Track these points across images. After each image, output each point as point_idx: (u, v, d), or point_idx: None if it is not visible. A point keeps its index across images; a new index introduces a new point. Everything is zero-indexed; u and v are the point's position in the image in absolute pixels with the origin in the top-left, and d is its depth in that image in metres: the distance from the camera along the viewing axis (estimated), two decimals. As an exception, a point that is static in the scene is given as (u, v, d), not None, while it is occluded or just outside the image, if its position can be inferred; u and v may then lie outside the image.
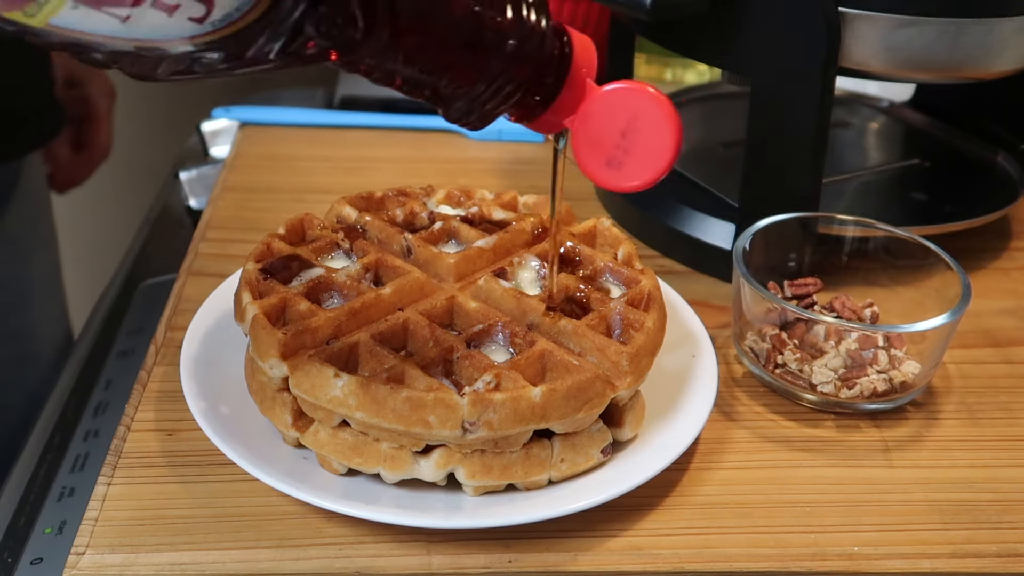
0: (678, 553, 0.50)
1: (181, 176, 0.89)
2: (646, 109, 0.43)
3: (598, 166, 0.44)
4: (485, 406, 0.47)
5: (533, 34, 0.42)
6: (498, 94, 0.43)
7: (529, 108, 0.44)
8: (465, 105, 0.43)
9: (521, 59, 0.42)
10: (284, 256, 0.57)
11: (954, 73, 0.65)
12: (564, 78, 0.44)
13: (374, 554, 0.49)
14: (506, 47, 0.41)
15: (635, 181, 0.44)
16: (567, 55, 0.44)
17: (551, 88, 0.44)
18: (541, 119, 0.45)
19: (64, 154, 1.04)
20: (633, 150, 0.44)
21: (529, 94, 0.44)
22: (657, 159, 0.44)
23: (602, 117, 0.44)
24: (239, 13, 0.35)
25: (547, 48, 0.43)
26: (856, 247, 0.66)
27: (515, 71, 0.42)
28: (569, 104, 0.44)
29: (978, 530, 0.52)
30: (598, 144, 0.44)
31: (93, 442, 0.62)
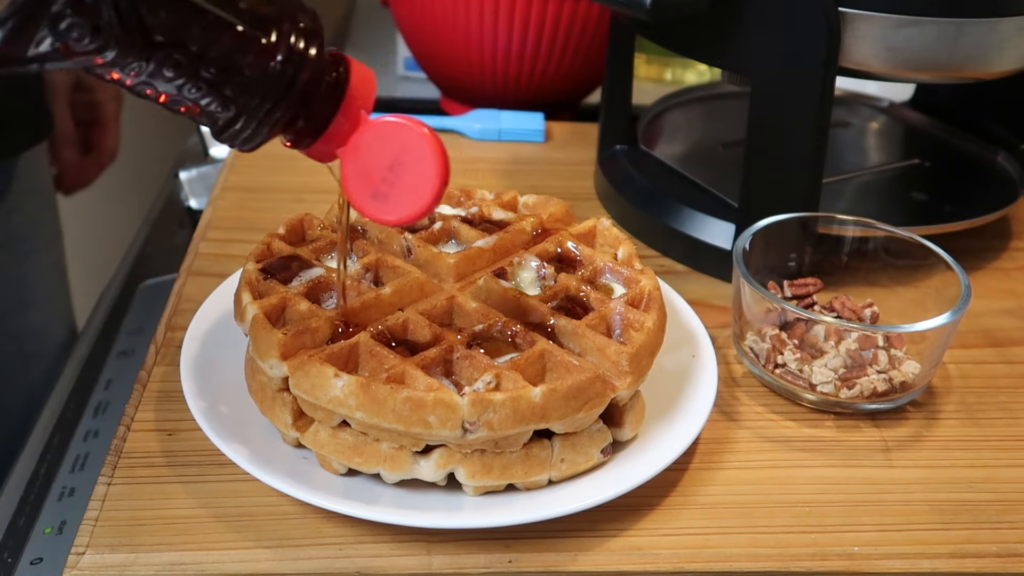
0: (678, 553, 0.50)
1: (181, 176, 0.89)
2: (413, 145, 0.44)
3: (364, 198, 0.45)
4: (485, 406, 0.47)
5: (299, 59, 0.42)
6: (266, 118, 0.42)
7: (299, 134, 0.44)
8: (233, 126, 0.43)
9: (285, 83, 0.42)
10: (284, 256, 0.57)
11: (954, 73, 0.65)
12: (335, 107, 0.44)
13: (374, 554, 0.49)
14: (268, 70, 0.41)
15: (396, 215, 0.45)
16: (341, 84, 0.44)
17: (321, 116, 0.44)
18: (314, 147, 0.45)
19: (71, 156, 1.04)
20: (399, 184, 0.44)
21: (297, 120, 0.43)
22: (420, 195, 0.44)
23: (371, 149, 0.44)
24: None
25: (315, 75, 0.43)
26: (856, 247, 0.66)
27: (279, 95, 0.42)
28: (340, 134, 0.44)
29: (978, 530, 0.52)
30: (366, 176, 0.45)
31: (93, 442, 0.62)
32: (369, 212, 0.45)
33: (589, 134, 0.90)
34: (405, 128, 0.44)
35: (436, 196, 0.44)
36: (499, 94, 0.95)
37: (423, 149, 0.44)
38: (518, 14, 0.89)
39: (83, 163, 1.05)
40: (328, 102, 0.44)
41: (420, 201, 0.44)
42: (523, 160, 0.88)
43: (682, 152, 0.84)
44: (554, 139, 0.92)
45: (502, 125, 0.91)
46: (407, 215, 0.45)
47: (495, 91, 0.95)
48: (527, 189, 0.66)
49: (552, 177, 0.86)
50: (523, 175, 0.86)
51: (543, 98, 0.96)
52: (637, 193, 0.77)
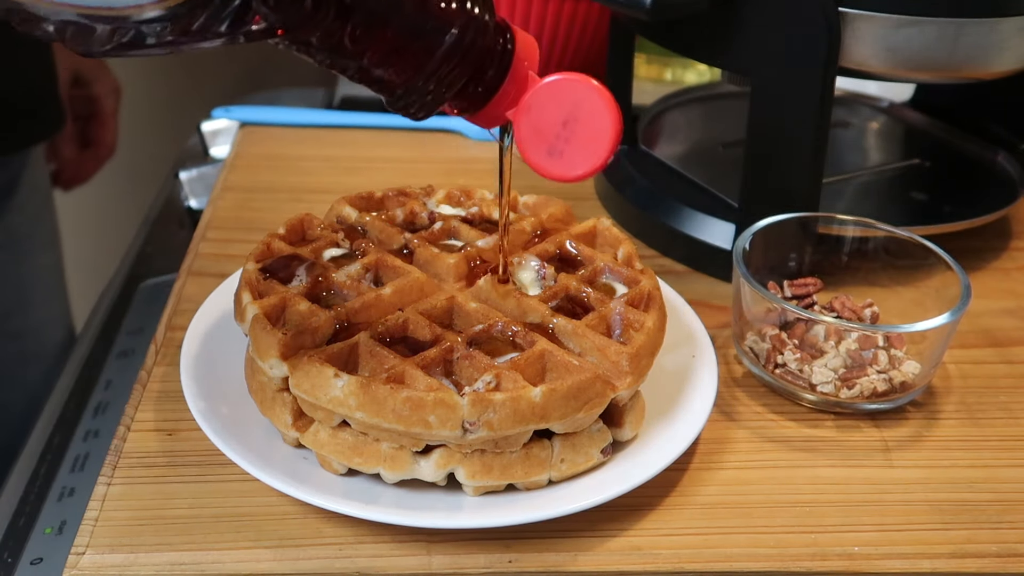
0: (678, 553, 0.50)
1: (181, 176, 0.89)
2: (586, 99, 0.44)
3: (540, 156, 0.45)
4: (485, 406, 0.47)
5: (475, 24, 0.43)
6: (440, 83, 0.43)
7: (472, 99, 0.45)
8: (408, 94, 0.43)
9: (464, 48, 0.43)
10: (284, 256, 0.57)
11: (954, 73, 0.65)
12: (506, 71, 0.45)
13: (374, 554, 0.49)
14: (448, 35, 0.42)
15: (577, 171, 0.45)
16: (509, 49, 0.45)
17: (493, 80, 0.45)
18: (483, 112, 0.46)
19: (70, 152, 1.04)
20: (574, 139, 0.44)
21: (471, 85, 0.44)
22: (597, 149, 0.44)
23: (544, 108, 0.45)
24: None
25: (489, 40, 0.44)
26: (856, 247, 0.66)
27: (456, 60, 0.43)
28: (511, 97, 0.45)
29: (978, 530, 0.52)
30: (540, 134, 0.45)
31: (93, 442, 0.62)
32: (546, 169, 0.45)
33: (589, 134, 0.90)
34: (578, 83, 0.44)
35: (613, 147, 0.44)
36: (499, 94, 0.95)
37: (597, 103, 0.44)
38: (518, 14, 0.89)
39: (81, 158, 1.05)
40: (499, 66, 0.44)
41: (598, 154, 0.44)
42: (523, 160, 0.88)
43: (682, 152, 0.84)
44: (554, 139, 0.92)
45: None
46: (586, 169, 0.45)
47: (495, 91, 0.95)
48: (527, 189, 0.66)
49: (552, 177, 0.86)
50: (523, 175, 0.85)
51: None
52: (637, 193, 0.77)
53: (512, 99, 0.45)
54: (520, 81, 0.45)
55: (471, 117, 0.46)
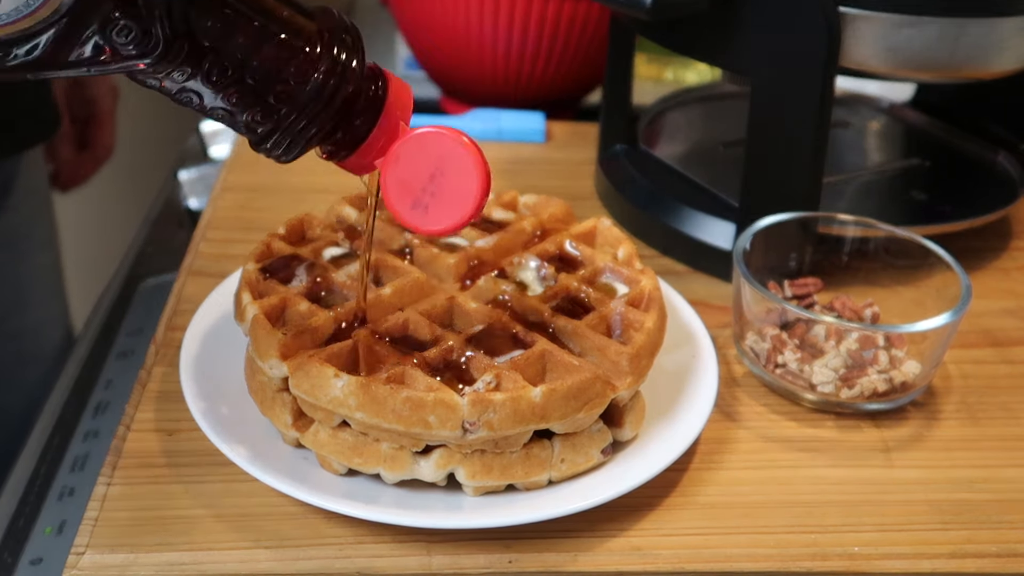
0: (678, 553, 0.50)
1: (181, 176, 0.89)
2: (454, 155, 0.44)
3: (404, 208, 0.45)
4: (485, 406, 0.47)
5: (340, 70, 0.42)
6: (305, 129, 0.43)
7: (339, 146, 0.45)
8: (270, 136, 0.43)
9: (327, 95, 0.42)
10: (284, 256, 0.57)
11: (954, 73, 0.65)
12: (375, 119, 0.44)
13: (374, 554, 0.49)
14: (311, 81, 0.42)
15: (439, 225, 0.45)
16: (380, 96, 0.44)
17: (360, 128, 0.44)
18: (351, 159, 0.45)
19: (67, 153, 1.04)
20: (440, 194, 0.44)
21: (339, 131, 0.44)
22: (462, 205, 0.44)
23: (412, 159, 0.44)
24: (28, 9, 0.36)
25: (356, 87, 0.43)
26: (856, 247, 0.66)
27: (320, 107, 0.42)
28: (379, 146, 0.45)
29: (978, 530, 0.52)
30: (406, 186, 0.44)
31: (93, 442, 0.62)
32: (410, 222, 0.45)
33: (589, 134, 0.90)
34: (447, 138, 0.44)
35: (479, 205, 0.44)
36: (499, 94, 0.95)
37: (465, 159, 0.44)
38: (518, 14, 0.89)
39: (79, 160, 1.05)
40: (368, 115, 0.44)
41: (462, 210, 0.44)
42: (523, 160, 0.88)
43: (682, 152, 0.84)
44: (554, 139, 0.92)
45: (502, 125, 0.91)
46: (449, 225, 0.45)
47: (495, 91, 0.95)
48: (527, 189, 0.66)
49: (552, 177, 0.86)
50: (523, 175, 0.86)
51: (543, 98, 0.96)
52: (637, 193, 0.77)
53: (381, 148, 0.45)
54: (391, 130, 0.44)
55: (340, 163, 0.46)
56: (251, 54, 0.40)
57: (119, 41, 0.38)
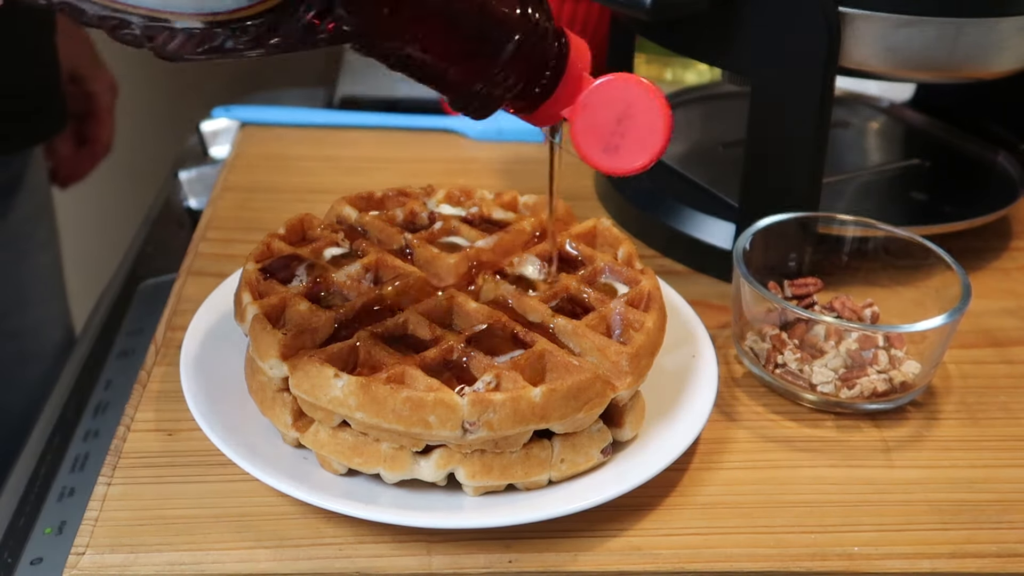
0: (678, 553, 0.50)
1: (181, 176, 0.89)
2: (639, 98, 0.46)
3: (596, 152, 0.47)
4: (485, 406, 0.47)
5: (537, 31, 0.45)
6: (501, 84, 0.45)
7: (529, 100, 0.47)
8: (470, 94, 0.45)
9: (525, 52, 0.45)
10: (284, 256, 0.57)
11: (954, 73, 0.65)
12: (562, 72, 0.47)
13: (374, 554, 0.49)
14: (512, 39, 0.44)
15: (632, 164, 0.47)
16: (565, 52, 0.47)
17: (550, 81, 0.46)
18: (540, 111, 0.48)
19: (66, 149, 1.04)
20: (628, 135, 0.47)
21: (530, 86, 0.46)
22: (651, 143, 0.47)
23: (599, 106, 0.47)
24: None
25: (548, 44, 0.46)
26: (856, 247, 0.66)
27: (518, 63, 0.45)
28: (566, 96, 0.47)
29: (978, 530, 0.52)
30: (595, 131, 0.47)
31: (93, 442, 0.62)
32: (602, 164, 0.48)
33: (589, 134, 0.90)
34: (629, 82, 0.47)
35: (665, 143, 0.47)
36: (499, 94, 0.95)
37: (650, 101, 0.46)
38: (518, 14, 0.88)
39: (77, 156, 1.05)
40: (556, 69, 0.47)
41: (652, 148, 0.47)
42: (523, 160, 0.88)
43: (682, 152, 0.84)
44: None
45: (502, 125, 0.91)
46: (640, 163, 0.47)
47: (495, 91, 0.95)
48: (527, 189, 0.66)
49: (552, 177, 0.86)
50: (523, 175, 0.86)
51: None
52: (637, 193, 0.77)
53: (567, 99, 0.47)
54: (574, 82, 0.47)
55: (527, 116, 0.48)
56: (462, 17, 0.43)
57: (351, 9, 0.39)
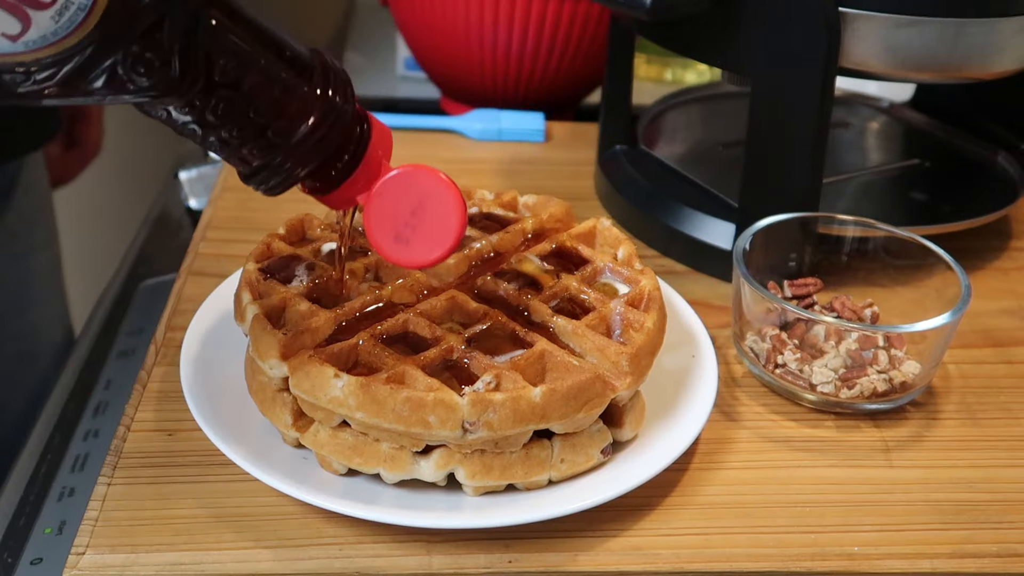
0: (678, 553, 0.50)
1: (181, 176, 0.89)
2: (436, 191, 0.47)
3: (386, 241, 0.47)
4: (485, 406, 0.47)
5: (335, 111, 0.44)
6: (296, 164, 0.45)
7: (325, 181, 0.46)
8: (263, 170, 0.45)
9: (322, 133, 0.44)
10: (284, 256, 0.57)
11: (954, 73, 0.65)
12: (360, 157, 0.46)
13: (374, 554, 0.49)
14: (308, 119, 0.44)
15: (419, 258, 0.47)
16: (365, 138, 0.46)
17: (347, 164, 0.46)
18: (334, 194, 0.47)
19: (55, 151, 1.04)
20: (421, 228, 0.47)
21: (326, 167, 0.46)
22: (443, 239, 0.47)
23: (394, 195, 0.47)
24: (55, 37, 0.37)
25: (347, 127, 0.45)
26: (856, 247, 0.66)
27: (315, 144, 0.44)
28: (362, 182, 0.47)
29: (978, 530, 0.52)
30: (388, 220, 0.47)
31: (93, 442, 0.62)
32: (391, 254, 0.48)
33: (589, 134, 0.90)
34: (429, 175, 0.47)
35: (458, 239, 0.47)
36: (499, 94, 0.95)
37: (446, 195, 0.46)
38: (518, 14, 0.89)
39: (67, 158, 1.05)
40: (354, 153, 0.46)
41: (443, 244, 0.47)
42: (523, 160, 0.88)
43: (682, 152, 0.84)
44: (554, 139, 0.92)
45: (502, 125, 0.91)
46: (429, 258, 0.47)
47: (495, 91, 0.95)
48: (527, 189, 0.66)
49: (552, 177, 0.86)
50: (523, 175, 0.86)
51: (543, 98, 0.96)
52: (637, 193, 0.77)
53: (363, 184, 0.47)
54: (372, 167, 0.47)
55: (321, 197, 0.48)
56: (257, 91, 0.42)
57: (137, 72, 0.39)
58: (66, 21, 0.37)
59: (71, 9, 0.36)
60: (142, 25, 0.38)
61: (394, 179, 0.47)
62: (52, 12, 0.36)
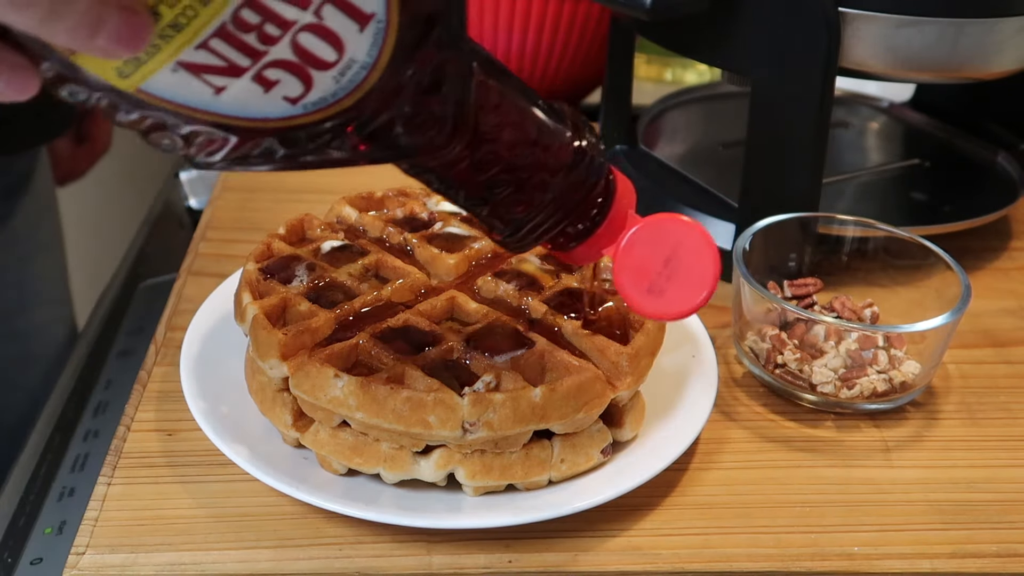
0: (678, 553, 0.50)
1: (181, 176, 0.89)
2: (690, 239, 0.45)
3: (639, 292, 0.46)
4: (485, 406, 0.47)
5: (592, 162, 0.43)
6: (546, 219, 0.43)
7: (570, 237, 0.45)
8: (525, 225, 0.43)
9: (581, 183, 0.43)
10: (284, 256, 0.57)
11: (954, 73, 0.65)
12: (607, 210, 0.45)
13: (374, 554, 0.49)
14: (565, 172, 0.42)
15: (678, 308, 0.45)
16: (612, 188, 0.45)
17: (597, 218, 0.45)
18: (580, 248, 0.45)
19: (65, 148, 1.04)
20: (675, 278, 0.45)
21: (573, 223, 0.44)
22: (699, 287, 0.45)
23: (646, 246, 0.45)
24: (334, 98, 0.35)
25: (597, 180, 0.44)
26: (856, 247, 0.66)
27: (576, 195, 0.43)
28: (609, 234, 0.45)
29: (978, 530, 0.52)
30: (641, 272, 0.45)
31: (93, 442, 0.62)
32: (645, 307, 0.46)
33: (589, 134, 0.90)
34: (682, 224, 0.45)
35: (715, 284, 0.45)
36: (499, 94, 0.95)
37: (700, 243, 0.45)
38: (518, 14, 0.89)
39: (76, 154, 1.05)
40: (602, 206, 0.45)
41: (699, 291, 0.45)
42: (523, 160, 0.88)
43: (682, 152, 0.84)
44: (554, 139, 0.92)
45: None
46: (687, 308, 0.45)
47: (495, 91, 0.95)
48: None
49: (552, 177, 0.86)
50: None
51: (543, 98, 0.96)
52: (637, 193, 0.77)
53: (609, 238, 0.45)
54: (618, 220, 0.45)
55: (564, 253, 0.46)
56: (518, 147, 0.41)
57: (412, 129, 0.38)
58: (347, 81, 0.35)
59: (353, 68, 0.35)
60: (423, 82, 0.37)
61: (643, 229, 0.45)
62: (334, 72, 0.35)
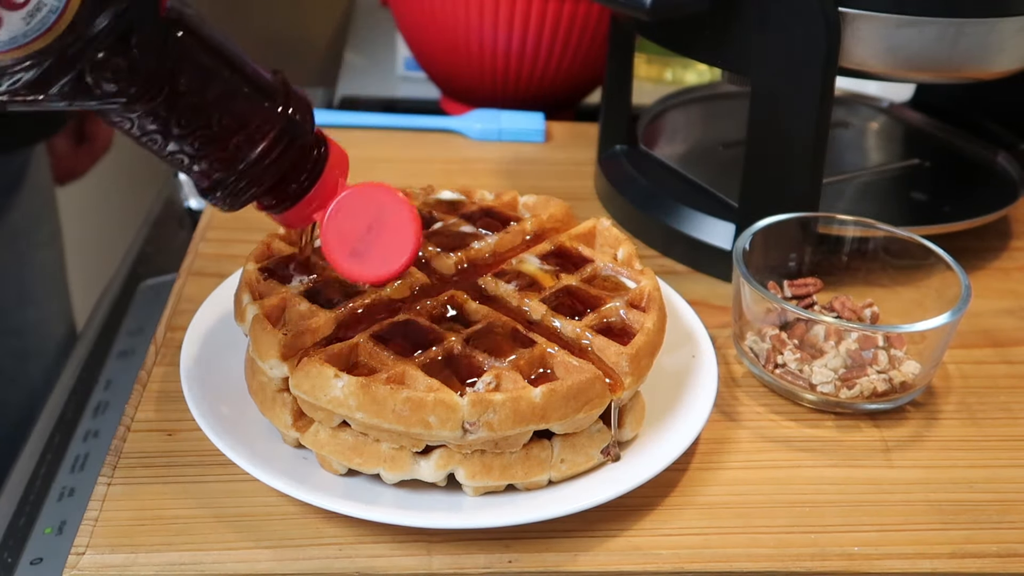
0: (678, 553, 0.50)
1: (181, 176, 0.89)
2: (392, 208, 0.48)
3: (342, 256, 0.48)
4: (485, 406, 0.47)
5: (295, 128, 0.45)
6: (253, 180, 0.45)
7: (281, 199, 0.47)
8: (222, 183, 0.45)
9: (282, 148, 0.45)
10: (284, 256, 0.57)
11: (954, 73, 0.65)
12: (317, 176, 0.47)
13: (374, 554, 0.49)
14: (270, 134, 0.44)
15: (373, 273, 0.49)
16: (323, 155, 0.47)
17: (304, 183, 0.47)
18: (290, 212, 0.48)
19: (65, 147, 1.04)
20: (376, 244, 0.48)
21: (283, 185, 0.46)
22: (397, 255, 0.48)
23: (350, 212, 0.48)
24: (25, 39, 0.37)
25: (307, 145, 0.46)
26: (856, 247, 0.66)
27: (276, 159, 0.45)
28: (319, 200, 0.48)
29: (978, 530, 0.52)
30: (344, 237, 0.48)
31: (93, 442, 0.62)
32: (346, 270, 0.49)
33: (589, 134, 0.90)
34: (385, 193, 0.48)
35: (412, 256, 0.48)
36: (499, 94, 0.95)
37: (401, 212, 0.48)
38: (518, 14, 0.89)
39: (77, 153, 1.05)
40: (312, 171, 0.47)
41: (397, 259, 0.48)
42: (523, 160, 0.88)
43: (682, 152, 0.84)
44: (554, 139, 0.92)
45: (502, 125, 0.91)
46: (383, 273, 0.49)
47: (495, 91, 0.95)
48: (527, 189, 0.66)
49: (552, 177, 0.86)
50: (523, 175, 0.86)
51: (543, 98, 0.96)
52: (637, 193, 0.77)
53: (319, 203, 0.48)
54: (329, 187, 0.48)
55: (277, 215, 0.48)
56: (221, 104, 0.43)
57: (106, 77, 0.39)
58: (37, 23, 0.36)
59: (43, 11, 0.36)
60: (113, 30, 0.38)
61: (350, 196, 0.48)
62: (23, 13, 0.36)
